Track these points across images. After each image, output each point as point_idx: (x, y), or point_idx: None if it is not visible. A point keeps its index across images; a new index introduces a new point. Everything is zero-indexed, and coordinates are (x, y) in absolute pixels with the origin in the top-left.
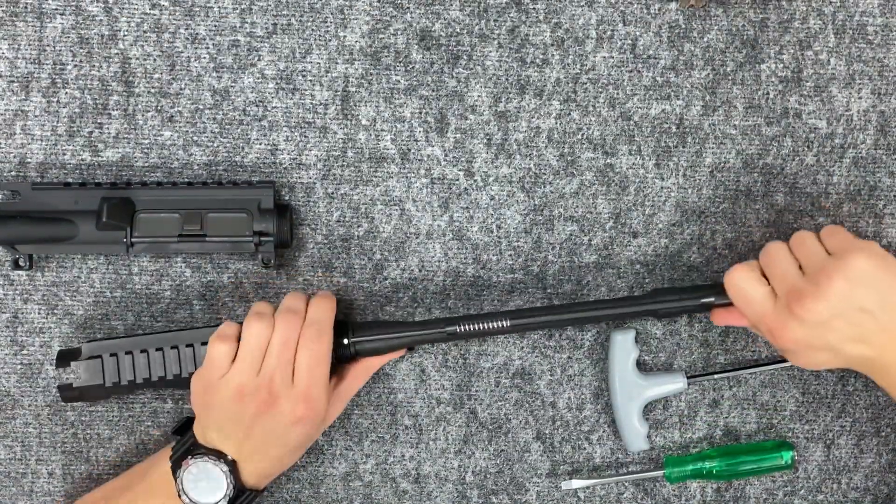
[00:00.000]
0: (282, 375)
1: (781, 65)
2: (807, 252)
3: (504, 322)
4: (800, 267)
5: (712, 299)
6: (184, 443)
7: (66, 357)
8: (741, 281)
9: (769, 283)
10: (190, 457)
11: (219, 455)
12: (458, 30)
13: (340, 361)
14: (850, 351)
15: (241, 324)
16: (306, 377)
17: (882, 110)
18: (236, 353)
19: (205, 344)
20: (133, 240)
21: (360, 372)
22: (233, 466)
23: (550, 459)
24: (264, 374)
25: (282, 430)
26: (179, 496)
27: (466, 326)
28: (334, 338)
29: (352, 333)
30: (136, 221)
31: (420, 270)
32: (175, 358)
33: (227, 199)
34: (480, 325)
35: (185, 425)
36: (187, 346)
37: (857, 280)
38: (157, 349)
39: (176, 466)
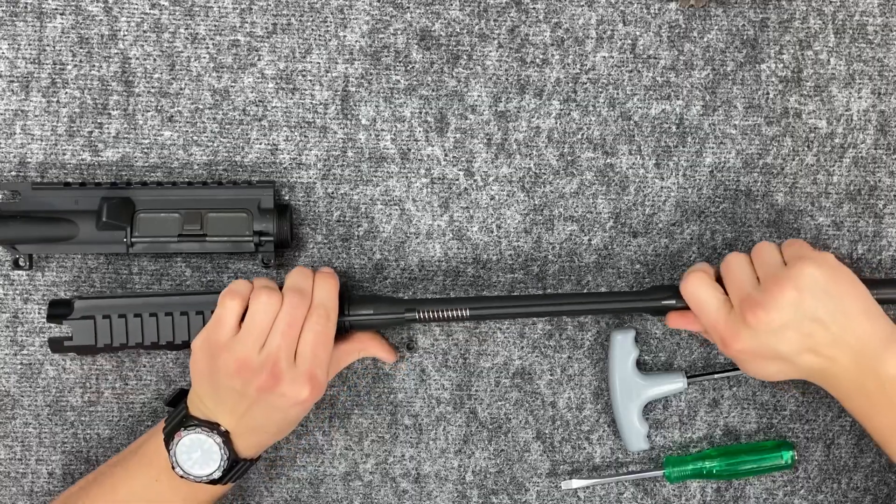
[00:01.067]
0: (286, 355)
1: (781, 65)
2: (763, 261)
3: (513, 307)
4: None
5: (673, 301)
6: (176, 414)
7: (58, 310)
8: (697, 287)
9: (725, 292)
10: (182, 428)
11: (212, 426)
12: (458, 30)
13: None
14: (802, 362)
15: (252, 282)
16: (311, 358)
17: (882, 110)
18: (243, 315)
19: (200, 313)
20: (133, 239)
21: (354, 351)
22: (226, 437)
23: (550, 459)
24: (268, 352)
25: (282, 410)
26: (173, 468)
27: (477, 307)
28: None
29: (348, 307)
30: (136, 221)
31: (420, 270)
32: (169, 324)
33: (227, 199)
34: (491, 307)
35: (178, 397)
36: (182, 314)
37: (807, 289)
38: (152, 314)
39: (169, 438)
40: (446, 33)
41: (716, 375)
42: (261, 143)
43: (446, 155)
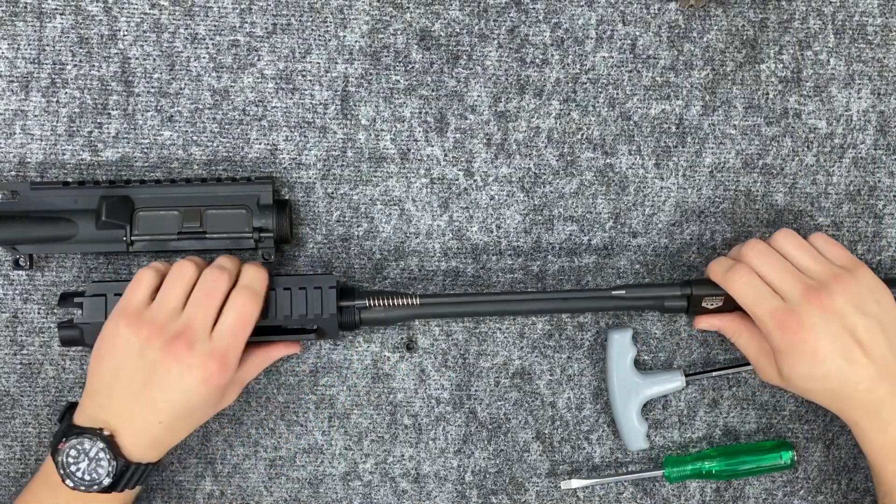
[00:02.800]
0: (202, 326)
1: (781, 65)
2: (806, 254)
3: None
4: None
5: (689, 291)
6: (60, 428)
7: (68, 298)
8: (749, 282)
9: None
10: (64, 438)
11: (95, 432)
12: (457, 30)
13: (343, 328)
14: (854, 366)
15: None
16: (228, 337)
17: (882, 110)
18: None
19: None
20: (133, 238)
21: (260, 359)
22: (110, 441)
23: (550, 459)
24: (184, 319)
25: (184, 389)
26: (63, 481)
27: (478, 302)
28: (341, 300)
29: (355, 297)
30: (136, 219)
31: (420, 270)
32: None
33: (227, 196)
34: (494, 301)
35: (67, 410)
36: None
37: (868, 289)
38: None
39: (54, 452)
40: (446, 33)
41: (714, 373)
42: (260, 143)
43: (446, 155)
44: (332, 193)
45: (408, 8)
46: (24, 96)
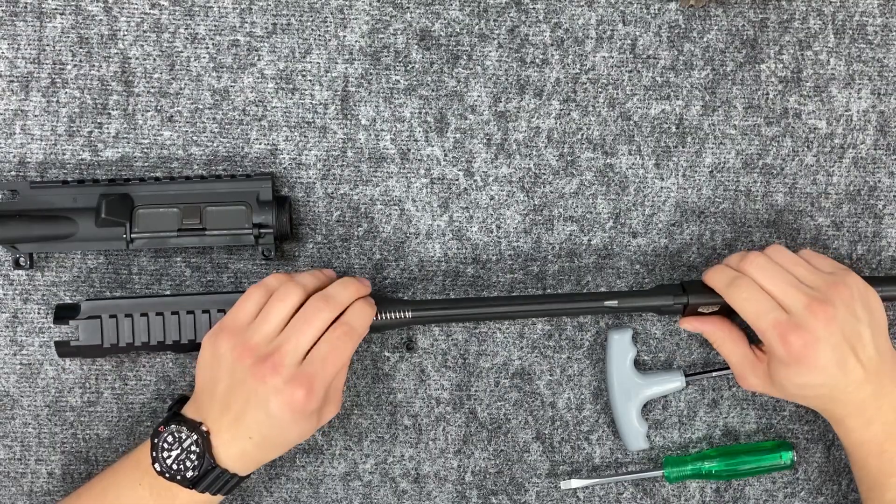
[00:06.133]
0: (293, 352)
1: (781, 65)
2: (800, 266)
3: (513, 307)
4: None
5: (686, 300)
6: (168, 414)
7: (64, 312)
8: (752, 294)
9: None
10: (165, 424)
11: (194, 424)
12: (458, 30)
13: None
14: (849, 368)
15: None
16: (318, 366)
17: (882, 110)
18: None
19: (206, 312)
20: (133, 235)
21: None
22: (205, 437)
23: (550, 459)
24: (277, 343)
25: (270, 408)
26: (152, 464)
27: (481, 308)
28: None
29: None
30: (136, 217)
31: (420, 270)
32: (175, 323)
33: (226, 193)
34: (493, 307)
35: (178, 401)
36: (188, 312)
37: (858, 296)
38: (158, 314)
39: (155, 434)
40: (446, 33)
41: (714, 374)
42: (261, 143)
43: (446, 155)
44: (332, 193)
45: (408, 8)
46: (24, 96)
